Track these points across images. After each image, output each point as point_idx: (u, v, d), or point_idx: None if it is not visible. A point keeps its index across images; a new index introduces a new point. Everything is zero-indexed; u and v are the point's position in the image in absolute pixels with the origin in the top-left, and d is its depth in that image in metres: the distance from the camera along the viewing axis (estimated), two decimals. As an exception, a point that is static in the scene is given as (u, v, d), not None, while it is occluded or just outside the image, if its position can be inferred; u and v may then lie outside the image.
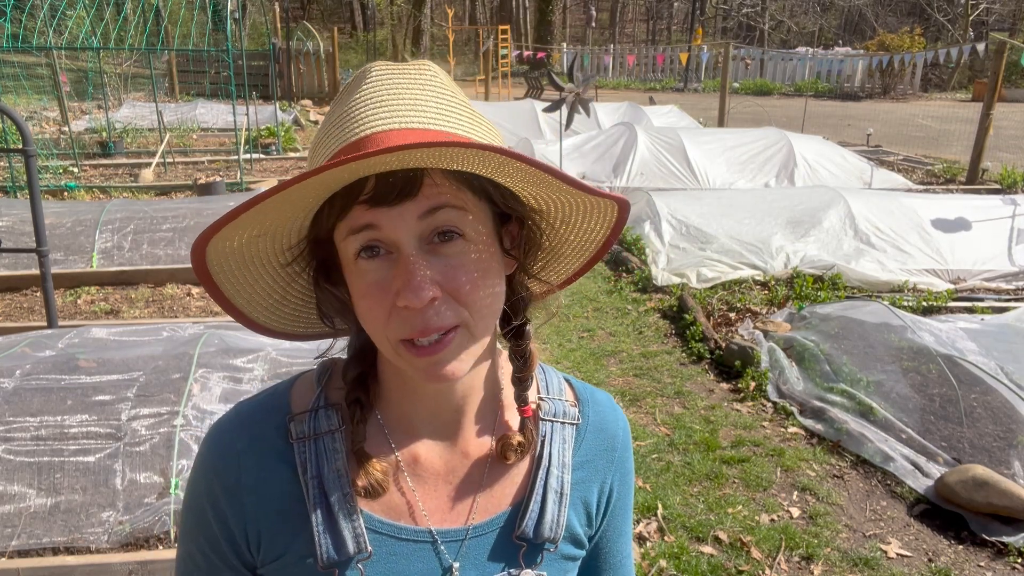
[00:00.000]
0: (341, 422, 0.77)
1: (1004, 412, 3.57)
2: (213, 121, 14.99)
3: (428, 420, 0.79)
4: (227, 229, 0.66)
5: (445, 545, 0.78)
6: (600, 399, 0.90)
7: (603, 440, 0.87)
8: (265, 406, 0.80)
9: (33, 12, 12.22)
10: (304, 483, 0.75)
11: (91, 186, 9.41)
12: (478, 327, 0.70)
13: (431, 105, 0.69)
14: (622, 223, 0.78)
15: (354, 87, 0.71)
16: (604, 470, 0.87)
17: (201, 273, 0.71)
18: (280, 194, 0.61)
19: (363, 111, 0.68)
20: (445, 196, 0.67)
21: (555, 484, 0.81)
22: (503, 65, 21.99)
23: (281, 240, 0.73)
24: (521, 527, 0.79)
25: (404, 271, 0.66)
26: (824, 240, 6.31)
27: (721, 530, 3.09)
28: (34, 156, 3.80)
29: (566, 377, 0.91)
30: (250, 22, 27.28)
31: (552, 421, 0.84)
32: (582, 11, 45.92)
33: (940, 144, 13.24)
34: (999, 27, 29.39)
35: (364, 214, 0.66)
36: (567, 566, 0.84)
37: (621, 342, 5.05)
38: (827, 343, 4.41)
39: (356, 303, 0.71)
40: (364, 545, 0.74)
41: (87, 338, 3.54)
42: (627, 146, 9.48)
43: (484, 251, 0.70)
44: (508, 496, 0.81)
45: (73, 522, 2.76)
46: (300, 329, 0.84)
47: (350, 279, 0.71)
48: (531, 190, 0.73)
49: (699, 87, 26.44)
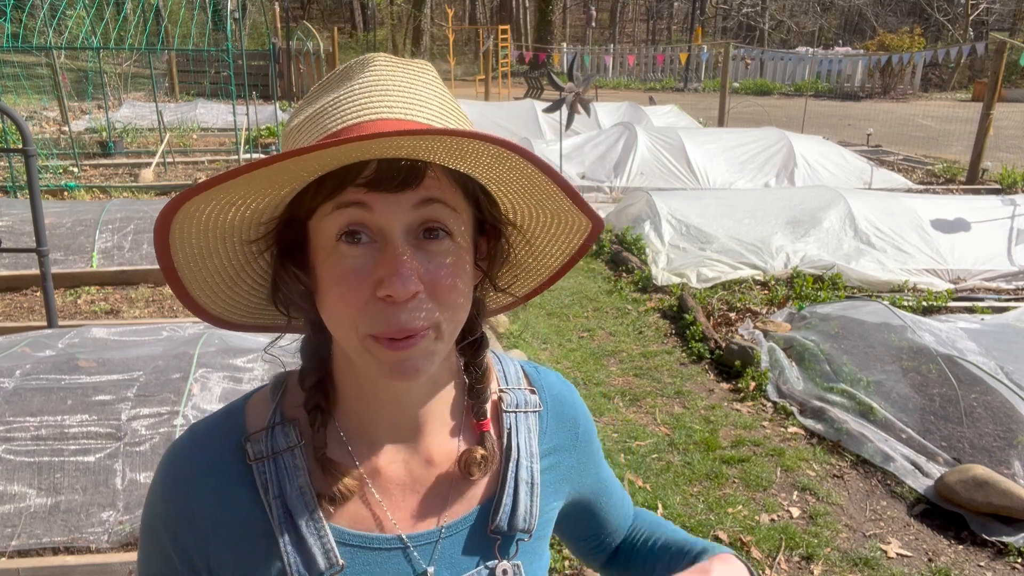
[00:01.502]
0: (299, 437, 0.75)
1: (1004, 412, 3.57)
2: (213, 121, 14.99)
3: (389, 430, 0.77)
4: (215, 191, 0.63)
5: (419, 549, 0.76)
6: (552, 380, 0.90)
7: (565, 421, 0.88)
8: (219, 427, 0.77)
9: (33, 12, 12.22)
10: (267, 504, 0.73)
11: (91, 186, 9.41)
12: (447, 330, 0.69)
13: (434, 104, 0.68)
14: (588, 246, 0.79)
15: (353, 73, 0.69)
16: (570, 449, 0.88)
17: (161, 233, 0.67)
18: (280, 164, 0.59)
19: (366, 97, 0.66)
20: (443, 192, 0.67)
21: (525, 475, 0.81)
22: (503, 65, 21.99)
23: (256, 214, 0.69)
24: (495, 521, 0.78)
25: (392, 259, 0.64)
26: (824, 240, 6.31)
27: (721, 530, 3.09)
28: (34, 156, 3.80)
29: (520, 363, 0.90)
30: (250, 22, 27.28)
31: (515, 412, 0.83)
32: (582, 11, 45.91)
33: (940, 144, 13.24)
34: (999, 27, 29.39)
35: (358, 194, 0.65)
36: (541, 549, 0.84)
37: (621, 342, 5.05)
38: (827, 343, 4.41)
39: (326, 290, 0.68)
40: (335, 559, 0.72)
41: (87, 338, 3.54)
42: (627, 146, 9.49)
43: (464, 255, 0.70)
44: (477, 494, 0.80)
45: (73, 522, 2.76)
46: (242, 319, 0.81)
47: (323, 263, 0.68)
48: (519, 201, 0.74)
49: (699, 87, 26.45)
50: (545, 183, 0.68)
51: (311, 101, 0.70)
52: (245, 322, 0.81)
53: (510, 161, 0.64)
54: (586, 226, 0.77)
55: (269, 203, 0.68)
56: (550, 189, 0.70)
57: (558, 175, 0.67)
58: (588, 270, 6.57)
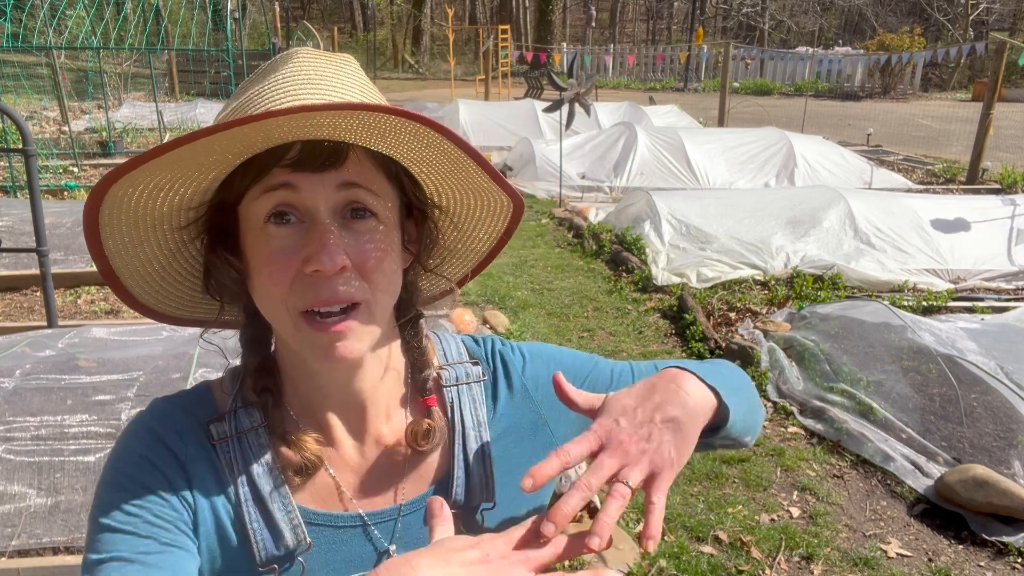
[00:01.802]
0: (263, 419, 0.76)
1: (1004, 412, 3.57)
2: (213, 121, 14.97)
3: (338, 412, 0.78)
4: (140, 171, 0.63)
5: (380, 526, 0.78)
6: (490, 346, 0.90)
7: (510, 380, 0.88)
8: (186, 402, 0.78)
9: (33, 12, 12.23)
10: (233, 482, 0.74)
11: (91, 186, 9.38)
12: (378, 306, 0.71)
13: (355, 91, 0.70)
14: (514, 226, 0.81)
15: (277, 67, 0.71)
16: (526, 402, 0.87)
17: (90, 219, 0.67)
18: (204, 140, 0.60)
19: (290, 86, 0.68)
20: (364, 175, 0.69)
21: (474, 444, 0.81)
22: (503, 65, 21.99)
23: (185, 199, 0.70)
24: (452, 496, 0.79)
25: (318, 236, 0.67)
26: (824, 240, 6.30)
27: (721, 530, 3.09)
28: (34, 156, 3.80)
29: (463, 338, 0.91)
30: (250, 22, 27.29)
31: (456, 385, 0.84)
32: (582, 11, 45.91)
33: (940, 144, 13.24)
34: (999, 27, 29.39)
35: (284, 175, 0.67)
36: (516, 511, 0.83)
37: (621, 342, 5.05)
38: (827, 343, 4.41)
39: (256, 270, 0.70)
40: (303, 536, 0.73)
41: (87, 338, 3.54)
42: (627, 146, 9.48)
43: (390, 235, 0.72)
44: (431, 472, 0.81)
45: (73, 522, 2.76)
46: (177, 311, 0.81)
47: (253, 245, 0.70)
48: (442, 183, 0.75)
49: (699, 87, 26.44)
50: (464, 160, 0.70)
51: (237, 95, 0.71)
52: (180, 315, 0.82)
53: (427, 138, 0.66)
54: (508, 207, 0.78)
55: (197, 187, 0.69)
56: (469, 167, 0.71)
57: (475, 151, 0.68)
58: (588, 270, 6.57)
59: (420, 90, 25.00)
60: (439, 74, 31.11)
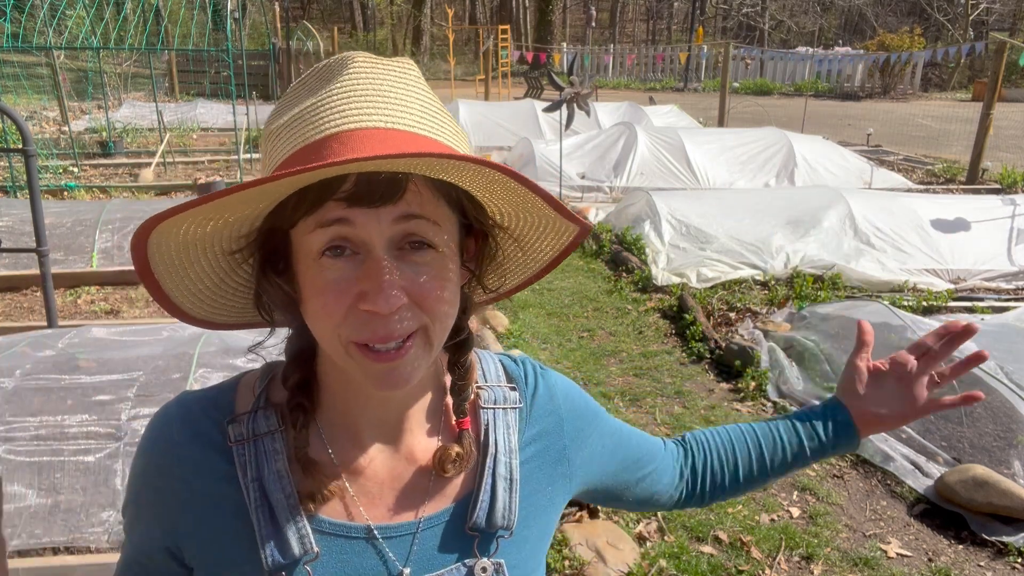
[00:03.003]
0: (280, 423, 0.75)
1: (1004, 412, 3.57)
2: (213, 121, 14.99)
3: (374, 426, 0.77)
4: (188, 214, 0.62)
5: (395, 540, 0.76)
6: (528, 371, 0.89)
7: (546, 406, 0.87)
8: (210, 401, 0.78)
9: (33, 12, 12.23)
10: (244, 486, 0.73)
11: (91, 186, 9.41)
12: (436, 335, 0.69)
13: (415, 107, 0.67)
14: (575, 246, 0.80)
15: (333, 75, 0.67)
16: (556, 434, 0.86)
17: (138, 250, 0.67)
18: (252, 189, 0.59)
19: (346, 103, 0.65)
20: (424, 207, 0.66)
21: (503, 471, 0.80)
22: (503, 65, 21.99)
23: (234, 228, 0.69)
24: (473, 518, 0.78)
25: (374, 274, 0.64)
26: (824, 240, 6.30)
27: (721, 530, 3.09)
28: (34, 156, 3.80)
29: (500, 358, 0.90)
30: (250, 22, 27.28)
31: (494, 408, 0.83)
32: (582, 11, 45.90)
33: (940, 144, 13.23)
34: (999, 27, 29.39)
35: (339, 210, 0.64)
36: (530, 546, 0.82)
37: (621, 342, 5.05)
38: (827, 343, 4.41)
39: (309, 299, 0.68)
40: (310, 546, 0.72)
41: (87, 338, 3.54)
42: (627, 146, 9.48)
43: (450, 263, 0.70)
44: (457, 488, 0.79)
45: (73, 522, 2.76)
46: (228, 319, 0.80)
47: (306, 274, 0.68)
48: (505, 207, 0.73)
49: (699, 87, 26.44)
50: (531, 196, 0.68)
51: (291, 103, 0.69)
52: (232, 321, 0.81)
53: (492, 176, 0.64)
54: (574, 229, 0.77)
55: (248, 215, 0.67)
56: (535, 200, 0.69)
57: (540, 189, 0.66)
58: (588, 270, 6.57)
59: (420, 90, 24.93)
60: (439, 74, 31.10)
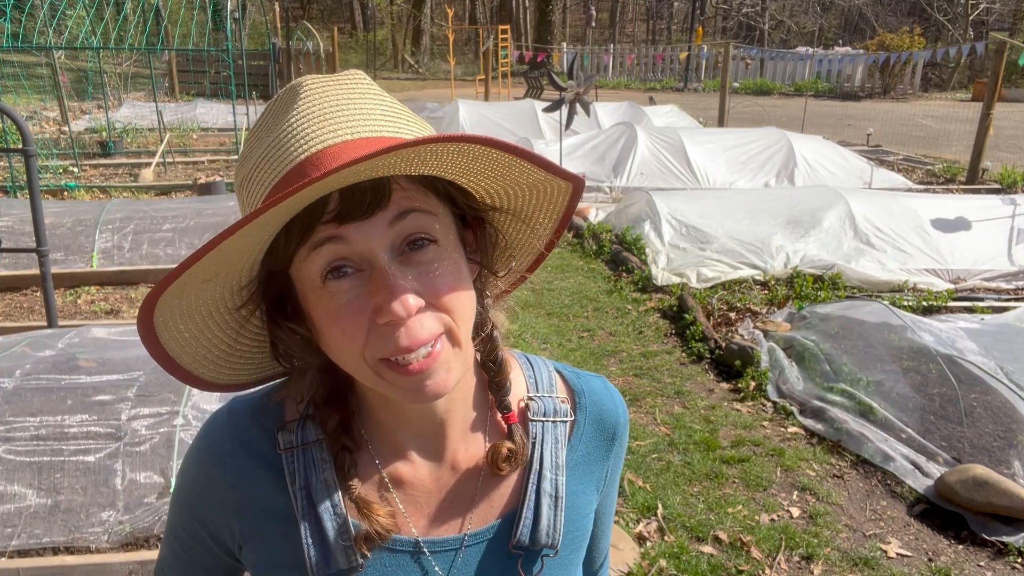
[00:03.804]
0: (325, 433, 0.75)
1: (1004, 412, 3.57)
2: (213, 121, 14.99)
3: (413, 437, 0.76)
4: (184, 277, 0.61)
5: (440, 556, 0.75)
6: (595, 387, 0.86)
7: (602, 432, 0.85)
8: (260, 408, 0.78)
9: (33, 12, 12.24)
10: (292, 493, 0.73)
11: (91, 186, 9.41)
12: (462, 333, 0.68)
13: (376, 113, 0.66)
14: (574, 207, 0.77)
15: (287, 104, 0.67)
16: (603, 460, 0.85)
17: (146, 331, 0.66)
18: (240, 230, 0.57)
19: (307, 127, 0.64)
20: (414, 200, 0.65)
21: (549, 488, 0.78)
22: (503, 65, 21.98)
23: (232, 281, 0.68)
24: (516, 536, 0.76)
25: (383, 284, 0.62)
26: (824, 240, 6.31)
27: (721, 530, 3.09)
28: (34, 156, 3.80)
29: (557, 367, 0.87)
30: (250, 22, 27.28)
31: (543, 421, 0.80)
32: (582, 11, 45.90)
33: (940, 144, 13.23)
34: (999, 27, 29.39)
35: (330, 230, 0.63)
36: (571, 565, 0.81)
37: (621, 342, 5.05)
38: (827, 343, 4.41)
39: (325, 331, 0.66)
40: (355, 558, 0.72)
41: (87, 338, 3.54)
42: (627, 146, 9.48)
43: (455, 255, 0.69)
44: (501, 504, 0.78)
45: (73, 522, 2.76)
46: (250, 377, 0.79)
47: (316, 306, 0.66)
48: (493, 185, 0.72)
49: (699, 87, 26.43)
50: (514, 162, 0.66)
51: (254, 148, 0.68)
52: (256, 379, 0.80)
53: (472, 151, 0.62)
54: (567, 187, 0.74)
55: (241, 267, 0.66)
56: (521, 166, 0.67)
57: (524, 151, 0.64)
58: (588, 270, 6.57)
59: (420, 90, 25.00)
60: (439, 74, 31.11)
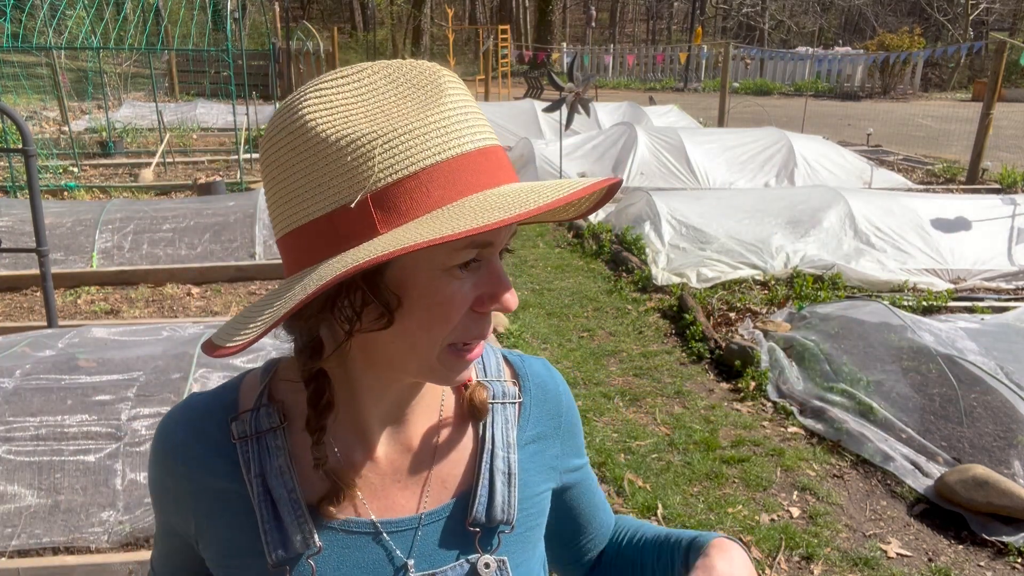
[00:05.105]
0: (282, 419, 0.77)
1: (1004, 412, 3.57)
2: (213, 121, 15.00)
3: (381, 421, 0.78)
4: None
5: (398, 535, 0.78)
6: (537, 369, 0.90)
7: (547, 411, 0.89)
8: (214, 401, 0.80)
9: (33, 12, 12.24)
10: (248, 481, 0.75)
11: (91, 186, 9.41)
12: None
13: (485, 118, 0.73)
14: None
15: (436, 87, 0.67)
16: (552, 437, 0.89)
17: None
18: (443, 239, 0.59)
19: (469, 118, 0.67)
20: None
21: (501, 465, 0.81)
22: (503, 65, 21.99)
23: None
24: (472, 513, 0.79)
25: (499, 278, 0.70)
26: (824, 240, 6.30)
27: (721, 529, 3.09)
28: (34, 156, 3.80)
29: (504, 353, 0.91)
30: (250, 22, 27.27)
31: (492, 403, 0.84)
32: (582, 11, 45.89)
33: (940, 144, 13.24)
34: (999, 27, 29.39)
35: (491, 234, 0.68)
36: (527, 542, 0.83)
37: (621, 342, 5.05)
38: (827, 343, 4.41)
39: (425, 309, 0.67)
40: (312, 540, 0.74)
41: (87, 338, 3.54)
42: (627, 146, 9.48)
43: None
44: (455, 484, 0.81)
45: (73, 522, 2.76)
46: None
47: (427, 285, 0.66)
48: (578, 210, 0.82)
49: (699, 87, 26.43)
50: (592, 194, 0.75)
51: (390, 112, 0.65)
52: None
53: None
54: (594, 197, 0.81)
55: None
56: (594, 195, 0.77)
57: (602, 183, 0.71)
58: (588, 270, 6.57)
59: (420, 90, 24.93)
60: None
